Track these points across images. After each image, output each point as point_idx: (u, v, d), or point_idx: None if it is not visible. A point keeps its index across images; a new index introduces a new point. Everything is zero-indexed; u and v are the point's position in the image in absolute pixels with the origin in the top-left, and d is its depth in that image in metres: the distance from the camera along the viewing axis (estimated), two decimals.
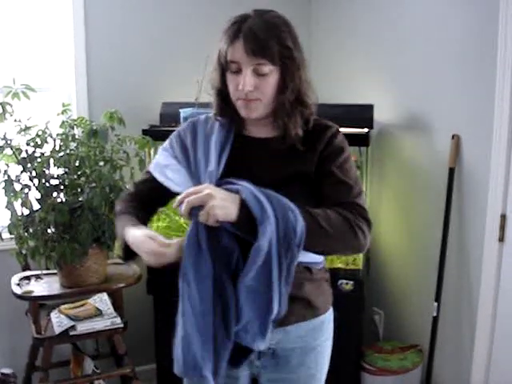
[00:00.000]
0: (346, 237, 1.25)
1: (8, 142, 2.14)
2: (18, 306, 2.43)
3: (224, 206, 1.16)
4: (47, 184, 2.18)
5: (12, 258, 2.24)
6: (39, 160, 2.16)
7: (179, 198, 1.20)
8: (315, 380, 1.47)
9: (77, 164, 2.19)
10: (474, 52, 2.15)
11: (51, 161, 2.17)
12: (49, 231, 2.16)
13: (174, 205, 1.23)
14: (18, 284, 2.26)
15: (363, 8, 2.71)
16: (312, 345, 1.43)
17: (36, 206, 2.18)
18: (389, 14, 2.57)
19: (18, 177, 2.16)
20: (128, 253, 1.35)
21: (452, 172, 2.28)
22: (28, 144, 2.18)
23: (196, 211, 1.18)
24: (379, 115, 2.59)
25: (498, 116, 2.06)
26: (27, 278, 2.33)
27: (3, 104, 2.11)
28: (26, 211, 2.17)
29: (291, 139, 1.34)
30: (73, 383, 2.32)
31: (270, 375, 1.44)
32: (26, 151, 2.17)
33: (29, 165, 2.16)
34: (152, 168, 1.45)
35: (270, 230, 1.17)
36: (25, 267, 2.39)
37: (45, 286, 2.26)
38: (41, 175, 2.16)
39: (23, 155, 2.16)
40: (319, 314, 1.43)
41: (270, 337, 1.27)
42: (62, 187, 2.20)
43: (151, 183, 1.44)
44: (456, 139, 2.26)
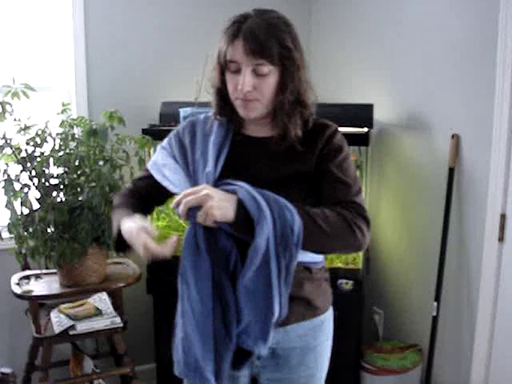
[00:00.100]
0: (344, 235, 1.25)
1: (8, 142, 2.14)
2: (18, 306, 2.43)
3: (222, 207, 1.17)
4: (47, 183, 2.18)
5: (12, 258, 2.24)
6: (39, 159, 2.16)
7: (177, 199, 1.20)
8: (315, 379, 1.47)
9: (76, 163, 2.19)
10: (474, 52, 2.15)
11: (51, 160, 2.17)
12: (48, 231, 2.16)
13: (172, 205, 1.22)
14: (18, 283, 2.26)
15: (363, 7, 2.71)
16: (312, 344, 1.43)
17: (36, 206, 2.18)
18: (388, 14, 2.57)
19: (18, 176, 2.16)
20: (122, 245, 1.34)
21: (452, 172, 2.28)
22: (28, 143, 2.18)
23: (194, 212, 1.17)
24: (379, 115, 2.59)
25: (498, 116, 2.06)
26: (27, 278, 2.33)
27: (3, 103, 2.11)
28: (26, 211, 2.16)
29: (290, 140, 1.34)
30: (72, 383, 2.32)
31: (270, 375, 1.44)
32: (26, 150, 2.17)
33: (28, 164, 2.16)
34: (150, 166, 1.46)
35: (267, 229, 1.17)
36: (24, 267, 2.39)
37: (44, 286, 2.26)
38: (40, 175, 2.16)
39: (23, 154, 2.16)
40: (319, 314, 1.43)
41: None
42: (62, 187, 2.20)
43: (149, 180, 1.44)
44: (456, 139, 2.27)
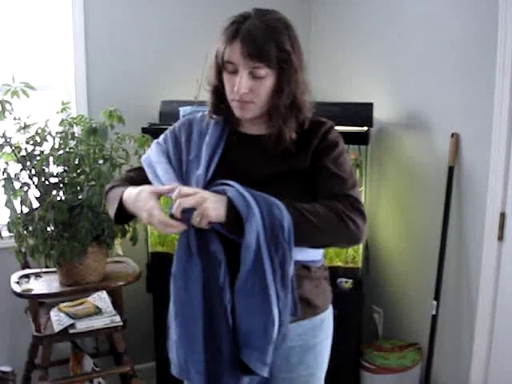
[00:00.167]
0: (336, 228, 1.24)
1: (7, 140, 2.14)
2: (18, 304, 2.43)
3: (215, 208, 1.17)
4: (47, 182, 2.18)
5: (11, 256, 2.24)
6: (38, 158, 2.17)
7: (174, 195, 1.19)
8: (315, 378, 1.47)
9: (76, 162, 2.19)
10: (474, 51, 2.15)
11: (51, 159, 2.17)
12: (48, 229, 2.16)
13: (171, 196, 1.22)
14: (18, 282, 2.26)
15: (363, 7, 2.71)
16: (311, 343, 1.43)
17: (35, 204, 2.19)
18: (388, 13, 2.57)
19: (18, 175, 2.16)
20: (122, 216, 1.34)
21: (451, 170, 2.28)
22: (27, 142, 2.18)
23: (189, 214, 1.17)
24: (379, 114, 2.59)
25: (498, 114, 2.06)
26: (27, 276, 2.33)
27: (2, 102, 2.11)
28: (26, 209, 2.17)
29: (285, 142, 1.34)
30: (72, 381, 2.32)
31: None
32: (26, 149, 2.17)
33: (28, 163, 2.16)
34: (143, 161, 1.46)
35: (256, 226, 1.17)
36: (24, 265, 2.39)
37: (44, 284, 2.26)
38: (40, 173, 2.17)
39: (23, 153, 2.17)
40: (319, 313, 1.43)
41: None
42: (62, 185, 2.20)
43: (141, 172, 1.45)
44: (455, 138, 2.27)
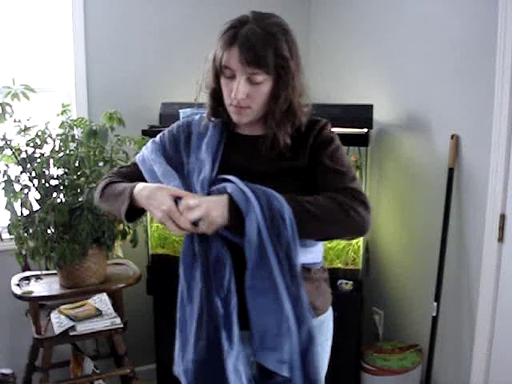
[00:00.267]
0: (339, 219, 1.24)
1: (8, 143, 2.15)
2: (18, 307, 2.43)
3: (219, 214, 1.20)
4: (47, 184, 2.18)
5: (12, 259, 2.24)
6: (39, 160, 2.17)
7: (181, 208, 1.20)
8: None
9: (76, 164, 2.19)
10: (473, 52, 2.16)
11: (51, 161, 2.18)
12: (48, 232, 2.16)
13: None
14: (18, 284, 2.26)
15: (362, 8, 2.71)
16: None
17: (36, 207, 2.19)
18: (388, 14, 2.57)
19: (18, 177, 2.16)
20: (132, 212, 1.34)
21: (451, 172, 2.28)
22: (28, 144, 2.18)
23: (195, 222, 1.20)
24: (378, 115, 2.59)
25: (498, 116, 2.06)
26: (27, 279, 2.33)
27: (3, 104, 2.11)
28: (26, 212, 2.17)
29: (279, 147, 1.35)
30: (73, 383, 2.33)
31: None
32: (26, 152, 2.18)
33: (28, 165, 2.16)
34: (137, 158, 1.47)
35: (256, 219, 1.19)
36: (24, 268, 2.39)
37: (44, 287, 2.26)
38: (40, 176, 2.17)
39: (23, 156, 2.17)
40: (319, 314, 1.43)
41: None
42: (62, 187, 2.20)
43: (136, 169, 1.45)
44: (455, 139, 2.27)
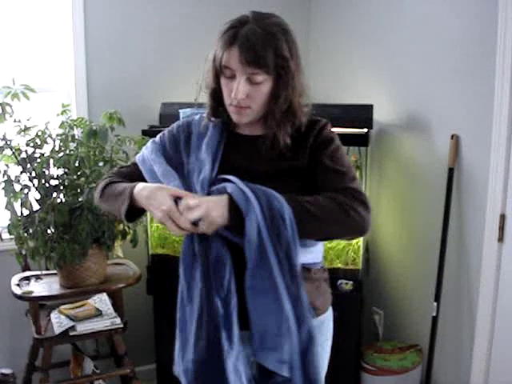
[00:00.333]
0: (339, 219, 1.24)
1: (8, 143, 2.15)
2: (18, 307, 2.43)
3: (219, 215, 1.20)
4: (47, 184, 2.18)
5: (12, 259, 2.24)
6: (39, 160, 2.17)
7: (181, 208, 1.21)
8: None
9: (76, 164, 2.19)
10: (473, 52, 2.16)
11: (51, 161, 2.18)
12: (48, 232, 2.16)
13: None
14: (18, 284, 2.26)
15: (362, 8, 2.71)
16: None
17: (36, 207, 2.19)
18: (388, 14, 2.57)
19: (18, 177, 2.16)
20: (132, 212, 1.34)
21: (451, 172, 2.28)
22: (28, 144, 2.18)
23: (196, 222, 1.21)
24: (378, 115, 2.59)
25: (498, 116, 2.06)
26: (27, 279, 2.33)
27: (3, 104, 2.11)
28: (26, 212, 2.17)
29: (279, 147, 1.35)
30: (73, 383, 2.33)
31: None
32: (26, 152, 2.18)
33: (28, 165, 2.17)
34: (137, 158, 1.47)
35: (256, 219, 1.19)
36: (24, 268, 2.39)
37: (45, 287, 2.26)
38: (40, 176, 2.17)
39: (23, 156, 2.17)
40: (319, 314, 1.43)
41: None
42: (62, 187, 2.20)
43: (136, 169, 1.46)
44: (455, 139, 2.27)
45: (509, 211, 2.09)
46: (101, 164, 2.23)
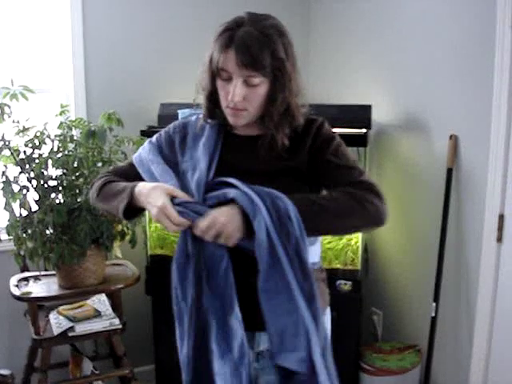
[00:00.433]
0: (354, 211, 1.25)
1: (6, 143, 2.14)
2: (17, 307, 2.43)
3: (235, 229, 1.21)
4: (45, 185, 2.18)
5: (10, 259, 2.24)
6: (37, 161, 2.16)
7: (197, 231, 1.22)
8: None
9: (75, 165, 2.19)
10: (472, 52, 2.16)
11: (49, 162, 2.17)
12: (47, 232, 2.16)
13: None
14: (17, 285, 2.26)
15: (362, 8, 2.72)
16: None
17: (34, 207, 2.19)
18: (388, 15, 2.57)
19: (17, 178, 2.16)
20: (131, 210, 1.34)
21: (450, 172, 2.29)
22: (26, 145, 2.18)
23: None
24: (377, 116, 2.59)
25: (496, 116, 2.06)
26: (25, 279, 2.33)
27: (1, 105, 2.11)
28: (25, 212, 2.17)
29: (277, 148, 1.35)
30: None
31: (269, 377, 1.44)
32: (25, 152, 2.17)
33: (27, 166, 2.16)
34: (134, 157, 1.47)
35: (264, 221, 1.19)
36: (23, 268, 2.39)
37: (43, 287, 2.26)
38: (39, 176, 2.17)
39: (21, 156, 2.17)
40: None
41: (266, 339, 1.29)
42: (61, 188, 2.20)
43: (132, 169, 1.46)
44: (454, 139, 2.27)
45: (507, 211, 2.09)
46: (99, 164, 2.23)
